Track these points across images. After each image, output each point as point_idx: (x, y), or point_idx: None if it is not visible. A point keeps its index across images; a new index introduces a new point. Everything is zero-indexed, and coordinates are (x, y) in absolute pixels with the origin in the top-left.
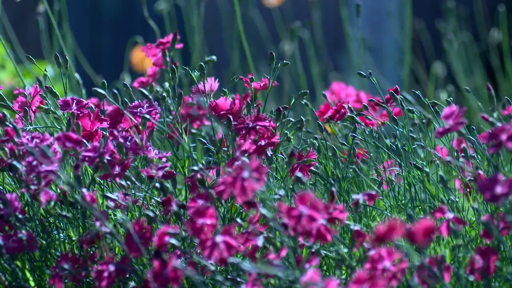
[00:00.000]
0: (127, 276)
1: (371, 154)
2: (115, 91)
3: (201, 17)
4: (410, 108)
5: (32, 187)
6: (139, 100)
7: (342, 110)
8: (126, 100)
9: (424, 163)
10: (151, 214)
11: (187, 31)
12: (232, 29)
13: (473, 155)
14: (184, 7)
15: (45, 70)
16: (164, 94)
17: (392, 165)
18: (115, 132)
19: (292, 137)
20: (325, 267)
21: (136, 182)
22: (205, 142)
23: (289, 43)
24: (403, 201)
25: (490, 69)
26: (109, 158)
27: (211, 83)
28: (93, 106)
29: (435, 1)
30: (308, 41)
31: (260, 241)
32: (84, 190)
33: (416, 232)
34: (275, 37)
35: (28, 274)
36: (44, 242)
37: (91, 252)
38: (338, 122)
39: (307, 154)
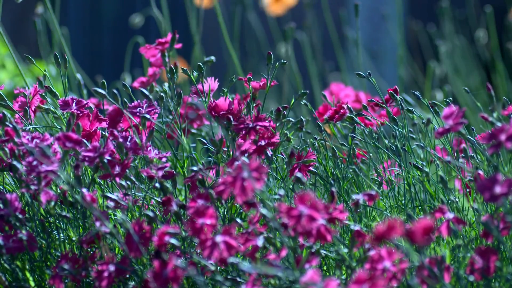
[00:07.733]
0: (127, 276)
1: (371, 155)
2: (115, 91)
3: (201, 18)
4: (410, 108)
5: (32, 187)
6: (139, 100)
7: (342, 111)
8: (125, 100)
9: (424, 163)
10: (151, 214)
11: (189, 32)
12: (232, 31)
13: (472, 155)
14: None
15: (45, 70)
16: (163, 94)
17: (392, 165)
18: (115, 132)
19: (292, 137)
20: (325, 267)
21: (136, 182)
22: (205, 142)
23: (287, 44)
24: (403, 201)
25: (486, 70)
26: (109, 158)
27: (211, 83)
28: (92, 106)
29: (432, 2)
30: (307, 41)
31: (260, 241)
32: (84, 190)
33: (415, 232)
34: (277, 38)
35: (28, 274)
36: (44, 242)
37: (91, 252)
38: (338, 122)
39: (306, 155)
